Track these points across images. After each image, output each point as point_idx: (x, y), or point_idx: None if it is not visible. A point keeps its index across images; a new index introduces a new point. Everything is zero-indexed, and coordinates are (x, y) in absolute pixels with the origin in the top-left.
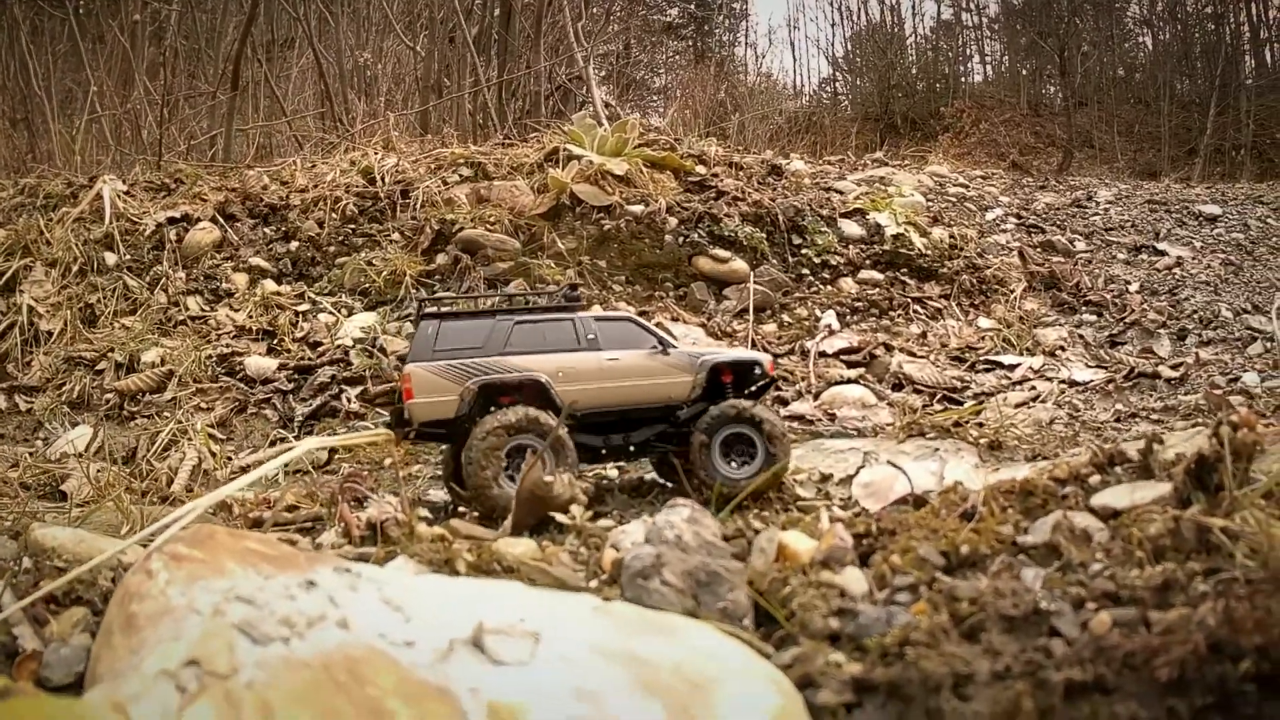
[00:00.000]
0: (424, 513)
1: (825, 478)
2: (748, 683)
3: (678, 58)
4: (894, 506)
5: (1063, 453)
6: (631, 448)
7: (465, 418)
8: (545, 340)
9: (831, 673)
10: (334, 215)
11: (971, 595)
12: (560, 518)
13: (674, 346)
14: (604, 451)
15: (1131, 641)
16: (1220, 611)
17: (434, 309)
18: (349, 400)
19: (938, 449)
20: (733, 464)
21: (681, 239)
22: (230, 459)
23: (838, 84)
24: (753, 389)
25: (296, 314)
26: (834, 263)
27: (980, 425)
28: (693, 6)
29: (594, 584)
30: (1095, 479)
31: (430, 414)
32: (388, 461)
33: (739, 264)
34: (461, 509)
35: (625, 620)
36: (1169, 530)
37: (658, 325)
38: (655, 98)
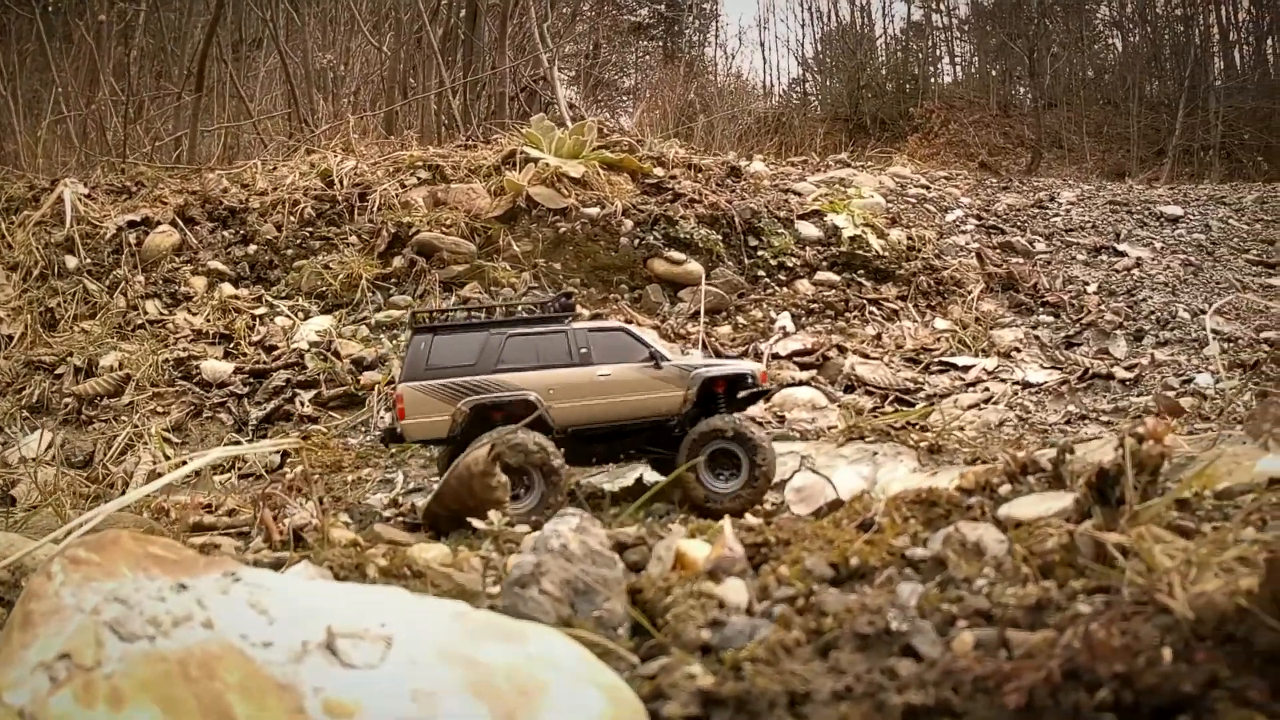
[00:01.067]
0: (345, 518)
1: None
2: (578, 689)
3: (647, 58)
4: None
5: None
6: (621, 455)
7: (458, 437)
8: (538, 355)
9: (683, 685)
10: (292, 218)
11: (835, 610)
12: (477, 523)
13: (666, 359)
14: (594, 460)
15: (984, 665)
16: (1082, 635)
17: (427, 323)
18: (302, 404)
19: (876, 453)
20: (720, 478)
21: (637, 241)
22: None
23: (807, 84)
24: (744, 399)
25: (253, 317)
26: (790, 264)
27: (923, 429)
28: (662, 7)
29: (497, 589)
30: (1005, 489)
31: (423, 434)
32: (313, 467)
33: (694, 266)
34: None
35: (477, 626)
36: (1063, 546)
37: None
38: (624, 98)
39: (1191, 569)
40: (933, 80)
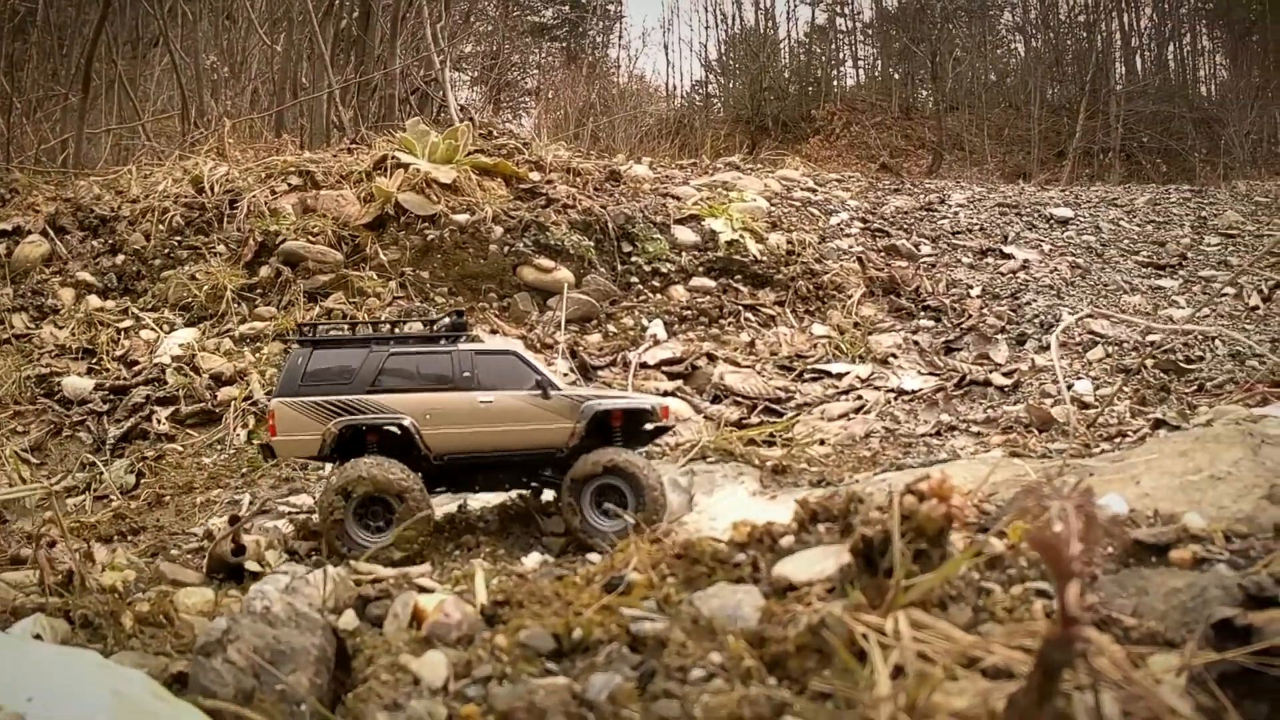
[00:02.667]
0: (129, 556)
1: None
2: None
3: (550, 59)
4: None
5: (853, 476)
6: (507, 485)
7: (328, 457)
8: (418, 375)
9: None
10: (161, 227)
11: (505, 708)
12: (252, 566)
13: (556, 388)
14: (476, 489)
15: None
16: None
17: (310, 335)
18: (159, 421)
19: (715, 473)
20: (607, 514)
21: (507, 248)
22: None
23: (710, 86)
24: (643, 432)
25: (118, 331)
26: (665, 270)
27: (771, 445)
28: (566, 8)
29: None
30: (788, 540)
31: (294, 452)
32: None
33: (564, 273)
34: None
35: (125, 709)
36: (810, 628)
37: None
38: (526, 99)
39: (926, 686)
40: (835, 83)
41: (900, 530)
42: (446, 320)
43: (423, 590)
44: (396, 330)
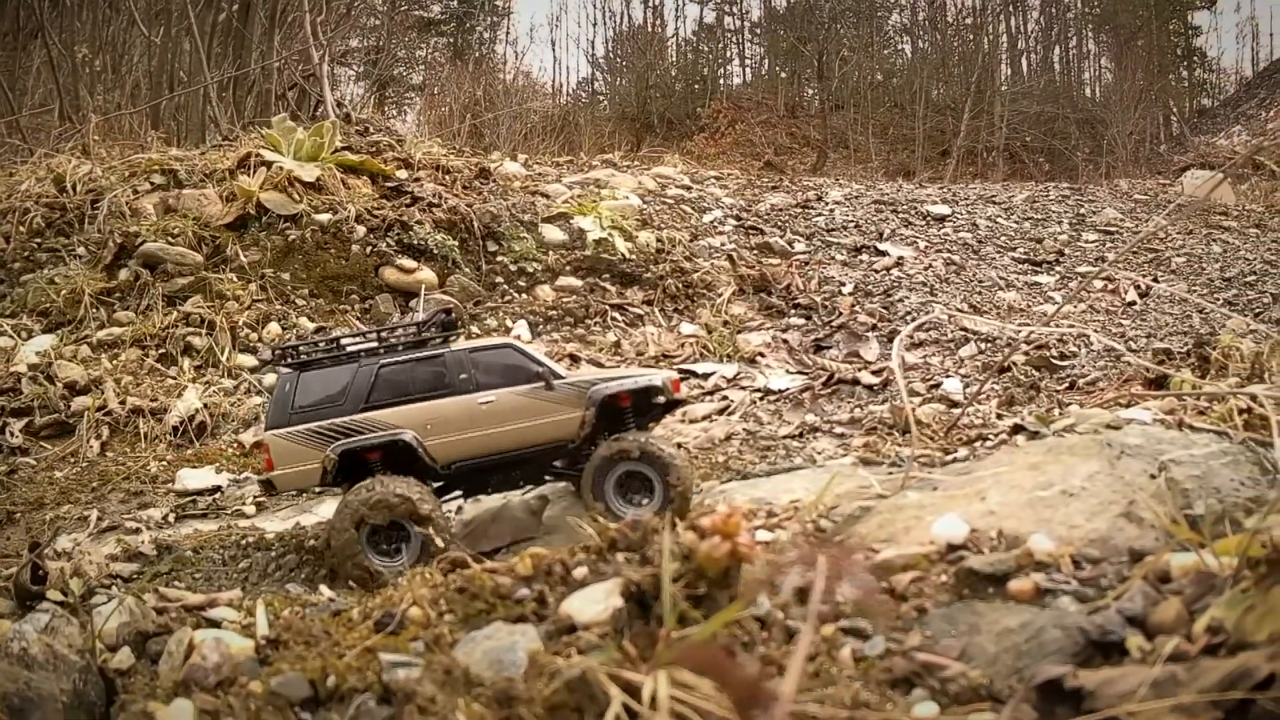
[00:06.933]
0: None
1: None
2: None
3: (437, 55)
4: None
5: (697, 485)
6: (522, 483)
7: (333, 484)
8: (413, 385)
9: None
10: (21, 229)
11: None
12: (54, 595)
13: (559, 377)
14: (490, 490)
15: None
16: None
17: (291, 358)
18: (12, 434)
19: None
20: (632, 503)
21: (369, 249)
22: None
23: (597, 84)
24: (655, 411)
25: None
26: (531, 270)
27: None
28: (455, 2)
29: None
30: (582, 571)
31: (295, 484)
32: None
33: (427, 274)
34: None
35: None
36: (568, 685)
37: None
38: (411, 95)
39: None
40: (722, 81)
41: (678, 572)
42: (438, 319)
43: (209, 624)
44: (383, 339)
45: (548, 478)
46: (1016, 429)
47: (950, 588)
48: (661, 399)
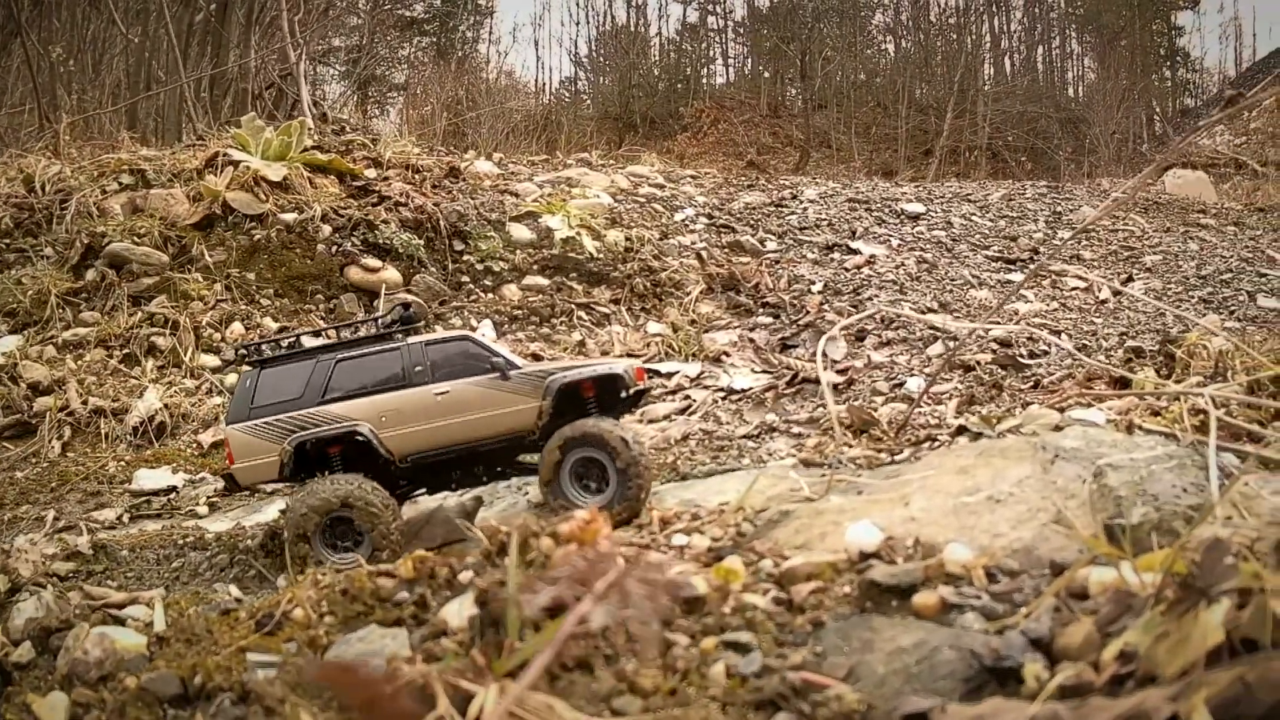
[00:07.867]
0: None
1: None
2: None
3: (420, 54)
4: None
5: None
6: (484, 477)
7: (293, 477)
8: (369, 378)
9: None
10: None
11: None
12: None
13: (515, 367)
14: (453, 486)
15: None
16: None
17: (255, 355)
18: None
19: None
20: (589, 490)
21: (335, 248)
22: None
23: (580, 83)
24: (621, 401)
25: None
26: (498, 269)
27: None
28: (438, 2)
29: None
30: (467, 575)
31: (256, 478)
32: None
33: (391, 273)
34: None
35: None
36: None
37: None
38: (394, 94)
39: None
40: (705, 81)
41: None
42: (396, 313)
43: (115, 621)
44: (343, 335)
45: (512, 474)
46: (960, 430)
47: (853, 599)
48: (627, 389)
